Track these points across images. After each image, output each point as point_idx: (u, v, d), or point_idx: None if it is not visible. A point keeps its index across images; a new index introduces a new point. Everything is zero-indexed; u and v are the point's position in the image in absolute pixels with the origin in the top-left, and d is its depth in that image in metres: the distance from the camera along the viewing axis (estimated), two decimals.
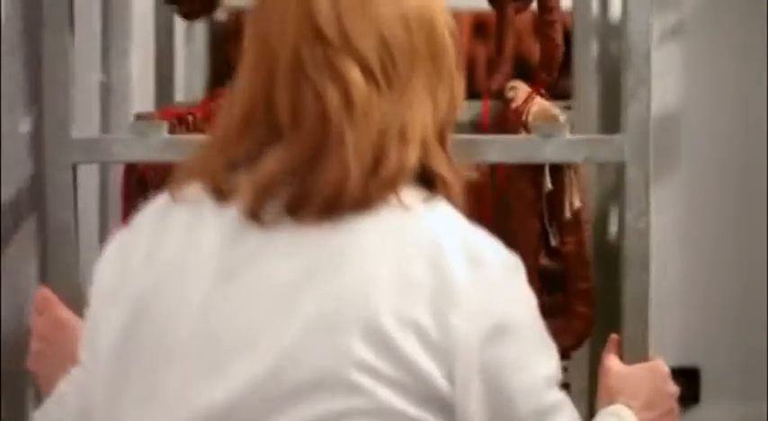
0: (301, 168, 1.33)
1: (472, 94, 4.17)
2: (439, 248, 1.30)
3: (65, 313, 1.76)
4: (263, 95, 1.37)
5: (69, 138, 1.81)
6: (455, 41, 1.41)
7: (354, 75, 1.34)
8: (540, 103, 1.97)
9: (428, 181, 1.37)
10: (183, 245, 1.36)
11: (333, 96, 1.34)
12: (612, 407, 1.69)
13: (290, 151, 1.33)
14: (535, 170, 1.94)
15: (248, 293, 1.31)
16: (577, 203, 1.86)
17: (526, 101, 2.05)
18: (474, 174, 1.45)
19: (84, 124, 2.43)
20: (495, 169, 2.06)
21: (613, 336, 1.78)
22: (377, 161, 1.33)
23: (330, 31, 1.35)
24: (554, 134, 1.75)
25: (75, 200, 1.83)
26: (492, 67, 2.46)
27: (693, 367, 3.17)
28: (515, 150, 1.83)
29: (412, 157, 1.35)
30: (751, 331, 3.16)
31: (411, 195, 1.35)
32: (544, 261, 1.97)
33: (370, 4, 1.37)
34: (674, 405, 1.72)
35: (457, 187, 1.38)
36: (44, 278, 1.95)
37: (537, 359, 1.34)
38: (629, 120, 1.81)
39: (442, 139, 1.38)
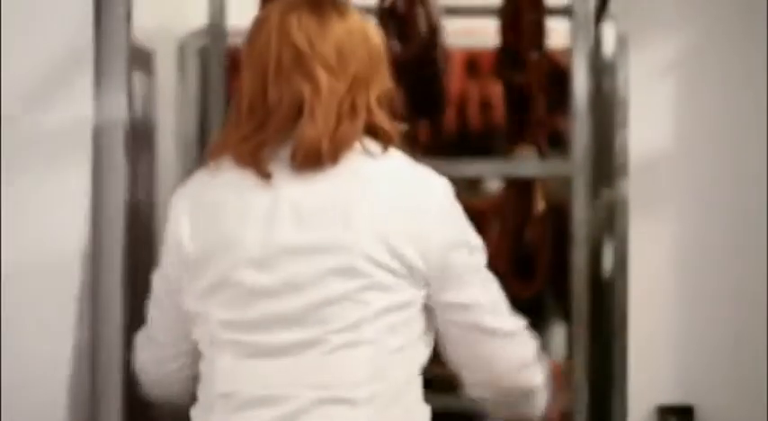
0: (286, 135, 2.07)
1: (465, 129, 4.21)
2: (407, 182, 2.11)
3: None
4: (260, 91, 2.09)
5: None
6: (381, 44, 2.16)
7: (320, 71, 2.06)
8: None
9: (376, 135, 2.11)
10: (237, 201, 2.09)
11: (305, 87, 2.06)
12: None
13: (276, 125, 2.07)
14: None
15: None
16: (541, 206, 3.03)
17: None
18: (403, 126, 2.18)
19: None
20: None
21: None
22: (336, 126, 2.06)
23: (301, 43, 2.07)
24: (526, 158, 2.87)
25: None
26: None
27: (688, 405, 3.14)
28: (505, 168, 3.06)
29: (359, 124, 2.09)
30: (745, 369, 3.14)
31: (372, 145, 2.11)
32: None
33: (327, 24, 2.09)
34: None
35: (395, 136, 2.13)
36: None
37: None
38: (575, 146, 2.86)
39: (382, 104, 2.13)
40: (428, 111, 3.61)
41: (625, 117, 2.98)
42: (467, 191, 3.91)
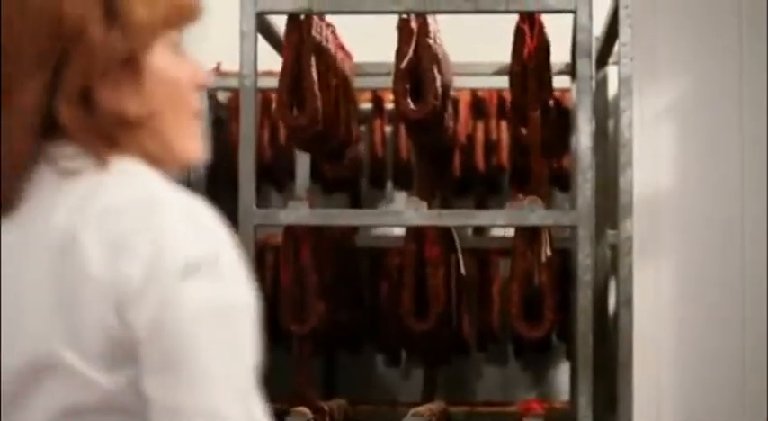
0: None
1: (472, 170, 4.22)
2: None
3: None
4: None
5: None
6: None
7: None
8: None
9: None
10: None
11: None
12: None
13: None
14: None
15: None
16: (548, 253, 3.17)
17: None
18: None
19: None
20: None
21: None
22: None
23: None
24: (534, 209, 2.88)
25: None
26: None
27: None
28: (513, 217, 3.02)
29: None
30: (750, 406, 3.15)
31: None
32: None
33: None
34: None
35: None
36: None
37: None
38: (579, 198, 2.85)
39: None
40: (439, 165, 3.66)
41: (629, 158, 2.99)
42: (474, 234, 3.96)
